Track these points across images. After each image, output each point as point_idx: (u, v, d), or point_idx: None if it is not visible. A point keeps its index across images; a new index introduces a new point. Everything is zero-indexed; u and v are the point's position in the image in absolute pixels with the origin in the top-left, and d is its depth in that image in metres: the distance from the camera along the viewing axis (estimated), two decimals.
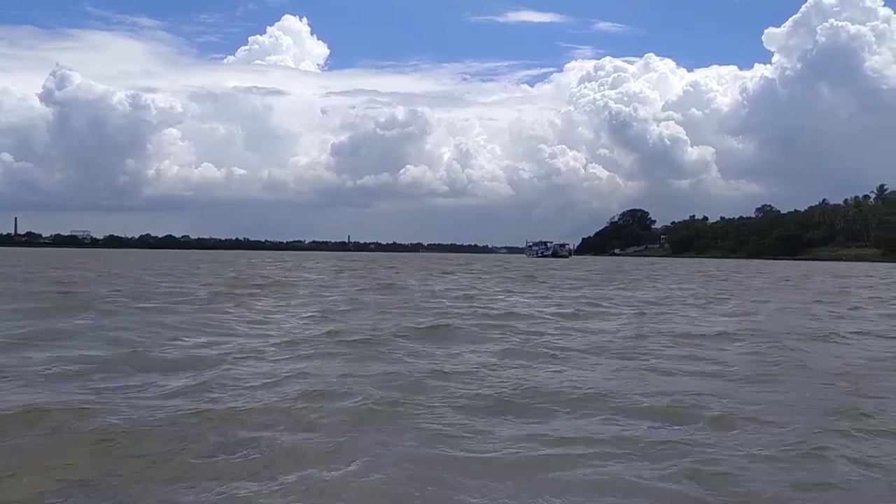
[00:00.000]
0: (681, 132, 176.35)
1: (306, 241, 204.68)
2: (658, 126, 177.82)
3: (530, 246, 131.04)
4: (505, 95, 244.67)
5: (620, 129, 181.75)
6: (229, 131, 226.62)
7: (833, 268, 65.98)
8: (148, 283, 23.23)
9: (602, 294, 22.13)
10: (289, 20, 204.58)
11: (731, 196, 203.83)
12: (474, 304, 16.80)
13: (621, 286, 27.47)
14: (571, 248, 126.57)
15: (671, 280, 33.94)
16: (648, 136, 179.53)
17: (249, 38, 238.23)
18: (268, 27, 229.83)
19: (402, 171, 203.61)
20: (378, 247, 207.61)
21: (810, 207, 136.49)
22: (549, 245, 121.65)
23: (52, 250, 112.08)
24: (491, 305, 16.64)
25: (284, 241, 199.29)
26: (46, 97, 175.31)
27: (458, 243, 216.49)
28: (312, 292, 20.50)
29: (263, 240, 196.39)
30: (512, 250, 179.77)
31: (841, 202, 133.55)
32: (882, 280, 37.81)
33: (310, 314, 13.71)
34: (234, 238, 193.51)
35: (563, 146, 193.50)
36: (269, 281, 25.68)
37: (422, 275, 36.04)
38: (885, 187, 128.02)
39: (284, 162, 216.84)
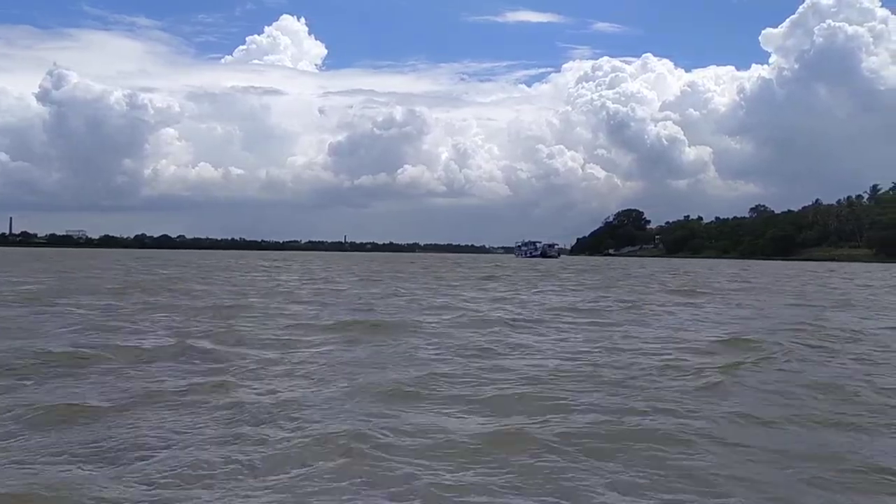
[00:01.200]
0: (678, 132, 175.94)
1: (302, 241, 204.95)
2: (656, 126, 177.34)
3: (519, 246, 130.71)
4: (503, 95, 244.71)
5: (618, 130, 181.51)
6: (227, 131, 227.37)
7: (790, 268, 65.32)
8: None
9: (507, 297, 21.81)
10: (287, 20, 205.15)
11: (728, 196, 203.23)
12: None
13: (551, 289, 27.19)
14: (560, 248, 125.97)
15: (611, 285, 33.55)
16: (646, 137, 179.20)
17: (247, 38, 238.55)
18: (266, 27, 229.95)
19: (399, 170, 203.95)
20: (374, 247, 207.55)
21: (804, 207, 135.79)
22: (537, 245, 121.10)
23: (33, 250, 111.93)
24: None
25: (280, 242, 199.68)
26: (43, 97, 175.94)
27: (455, 243, 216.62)
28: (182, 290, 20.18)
29: (259, 240, 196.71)
30: (508, 250, 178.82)
31: (836, 202, 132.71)
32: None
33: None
34: (229, 238, 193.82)
35: (561, 146, 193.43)
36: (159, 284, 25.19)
37: (364, 274, 35.76)
38: (879, 187, 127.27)
39: (282, 162, 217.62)
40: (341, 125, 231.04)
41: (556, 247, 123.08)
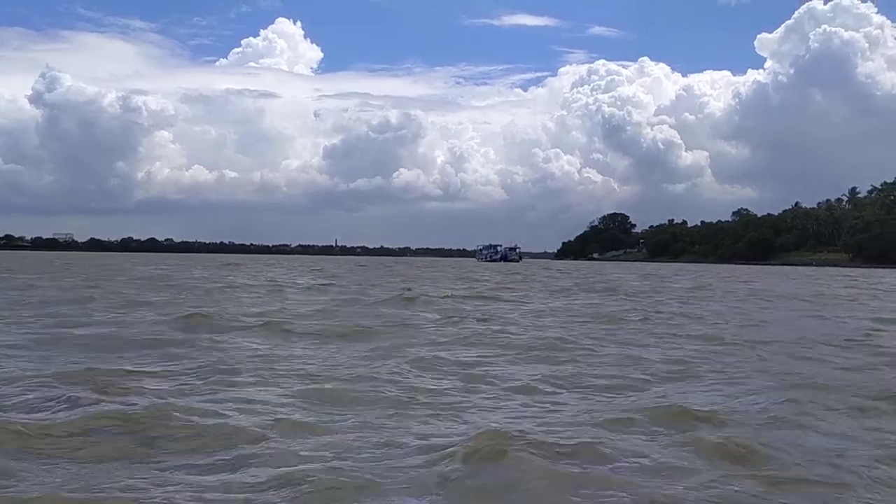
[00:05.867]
0: (675, 136, 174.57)
1: (293, 245, 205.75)
2: (652, 130, 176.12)
3: (480, 250, 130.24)
4: (499, 99, 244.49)
5: (614, 133, 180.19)
6: (221, 134, 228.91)
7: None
8: None
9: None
10: (282, 23, 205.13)
11: (725, 200, 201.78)
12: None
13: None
14: (522, 250, 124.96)
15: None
16: (642, 140, 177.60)
17: (242, 41, 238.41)
18: (261, 30, 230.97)
19: (395, 174, 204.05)
20: (365, 251, 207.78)
21: (784, 211, 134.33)
22: (498, 249, 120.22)
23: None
24: None
25: (270, 245, 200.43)
26: (36, 99, 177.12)
27: (446, 247, 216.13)
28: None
29: (249, 243, 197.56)
30: None
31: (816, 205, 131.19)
32: None
33: None
34: (218, 242, 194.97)
35: (558, 150, 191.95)
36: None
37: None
38: (857, 190, 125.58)
39: (276, 165, 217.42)
40: (336, 128, 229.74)
41: (517, 250, 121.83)
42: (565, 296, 24.45)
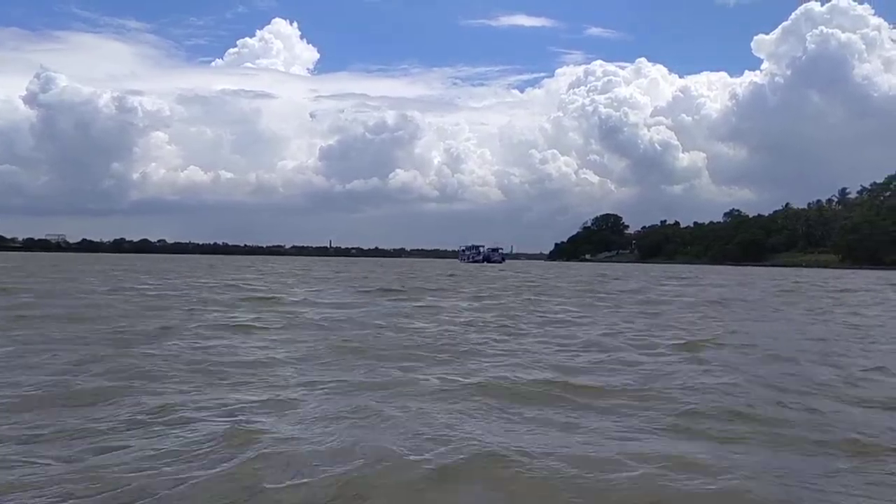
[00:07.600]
0: (672, 137, 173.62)
1: (287, 246, 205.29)
2: (649, 131, 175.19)
3: (463, 251, 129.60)
4: (495, 100, 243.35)
5: (611, 134, 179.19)
6: (217, 135, 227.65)
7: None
8: None
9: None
10: (279, 24, 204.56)
11: (722, 202, 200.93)
12: None
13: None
14: (503, 251, 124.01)
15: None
16: (639, 142, 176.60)
17: (238, 42, 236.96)
18: (257, 30, 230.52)
19: (391, 175, 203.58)
20: (360, 252, 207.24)
21: (775, 212, 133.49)
22: (480, 250, 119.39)
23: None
24: None
25: (264, 246, 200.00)
26: (31, 100, 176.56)
27: (441, 248, 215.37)
28: None
29: (243, 244, 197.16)
30: None
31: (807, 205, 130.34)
32: None
33: None
34: (211, 243, 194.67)
35: (555, 151, 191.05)
36: None
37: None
38: (847, 190, 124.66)
39: (273, 166, 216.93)
40: (333, 129, 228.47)
41: (500, 251, 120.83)
42: None
